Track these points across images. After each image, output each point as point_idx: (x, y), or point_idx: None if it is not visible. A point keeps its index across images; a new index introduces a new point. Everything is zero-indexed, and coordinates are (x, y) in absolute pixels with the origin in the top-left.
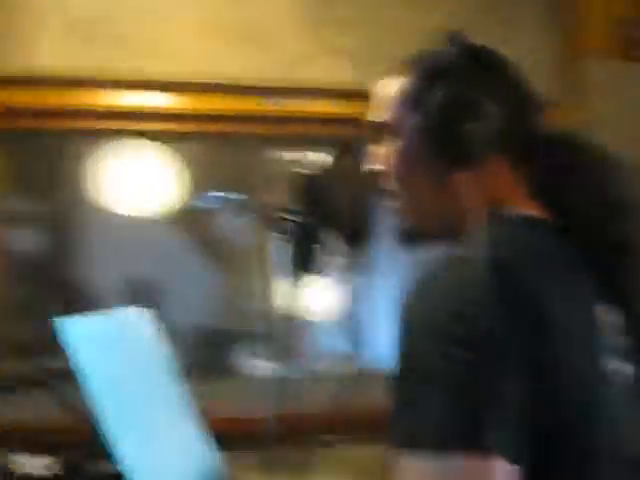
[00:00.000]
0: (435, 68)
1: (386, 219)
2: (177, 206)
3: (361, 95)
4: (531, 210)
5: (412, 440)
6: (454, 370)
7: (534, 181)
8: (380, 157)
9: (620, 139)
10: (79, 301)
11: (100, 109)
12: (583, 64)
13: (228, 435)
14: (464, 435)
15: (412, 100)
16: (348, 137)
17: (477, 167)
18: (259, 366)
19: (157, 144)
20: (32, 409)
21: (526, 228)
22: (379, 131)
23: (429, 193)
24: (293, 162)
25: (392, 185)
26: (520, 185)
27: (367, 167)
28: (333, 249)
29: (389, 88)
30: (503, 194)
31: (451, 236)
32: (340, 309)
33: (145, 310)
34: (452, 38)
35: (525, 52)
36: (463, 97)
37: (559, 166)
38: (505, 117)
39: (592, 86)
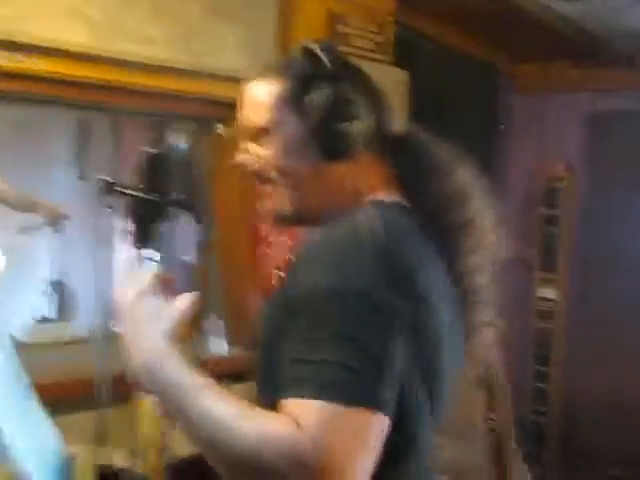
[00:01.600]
0: (310, 73)
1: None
2: None
3: None
4: (395, 197)
5: (321, 390)
6: (377, 330)
7: (392, 173)
8: (255, 153)
9: None
10: None
11: None
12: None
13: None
14: (364, 391)
15: (290, 102)
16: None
17: (349, 161)
18: None
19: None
20: None
21: (397, 212)
22: (253, 130)
23: (308, 184)
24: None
25: (272, 176)
26: (382, 176)
27: (240, 161)
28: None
29: (260, 91)
30: (371, 184)
31: (324, 220)
32: None
33: None
34: (322, 46)
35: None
36: (338, 100)
37: (410, 161)
38: (372, 118)
39: None
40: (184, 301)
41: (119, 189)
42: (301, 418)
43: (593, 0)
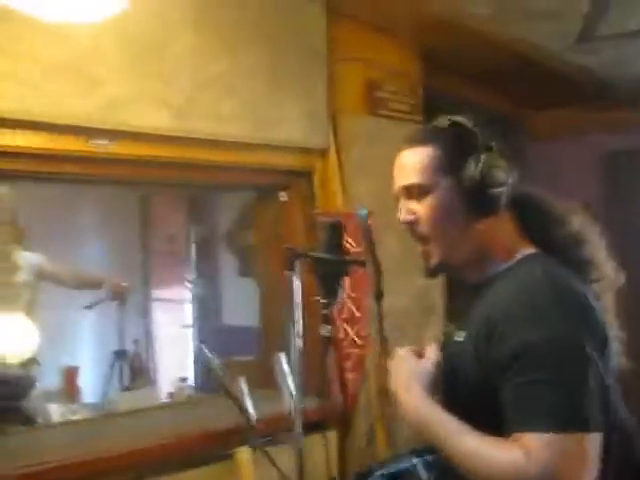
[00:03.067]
0: (463, 142)
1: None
2: None
3: None
4: (534, 249)
5: (574, 422)
6: (584, 371)
7: (518, 225)
8: (412, 210)
9: (374, 180)
10: None
11: None
12: (342, 120)
13: None
14: (593, 418)
15: (446, 166)
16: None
17: (493, 218)
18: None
19: None
20: None
21: (552, 263)
22: (410, 191)
23: (458, 237)
24: None
25: (425, 231)
26: (516, 229)
27: (402, 218)
28: None
29: (416, 156)
30: (511, 237)
31: (470, 268)
32: None
33: None
34: (467, 119)
35: (302, 113)
36: (491, 167)
37: (532, 214)
38: (509, 182)
39: (348, 138)
40: (431, 356)
41: (307, 253)
42: (532, 449)
43: (604, 52)
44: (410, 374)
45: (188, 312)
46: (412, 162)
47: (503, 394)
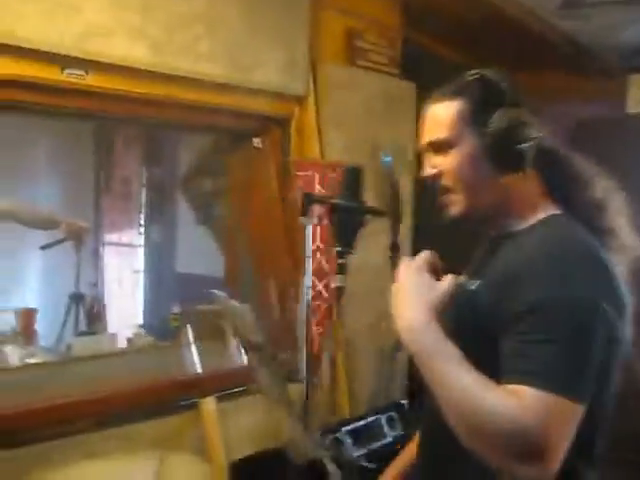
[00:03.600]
0: (490, 97)
1: None
2: None
3: None
4: (558, 209)
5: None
6: (594, 339)
7: (543, 184)
8: (440, 165)
9: (350, 130)
10: None
11: None
12: (321, 68)
13: None
14: (587, 389)
15: (472, 121)
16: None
17: (518, 174)
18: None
19: None
20: None
21: (575, 224)
22: (435, 146)
23: (482, 191)
24: None
25: (449, 184)
26: (540, 188)
27: (426, 173)
28: None
29: (442, 110)
30: (535, 195)
31: (492, 223)
32: None
33: None
34: (497, 74)
35: (282, 58)
36: (518, 123)
37: (557, 173)
38: (537, 138)
39: (326, 86)
40: (447, 282)
41: (324, 199)
42: (528, 402)
43: (590, 18)
44: (421, 289)
45: (140, 257)
46: (437, 117)
47: (507, 344)
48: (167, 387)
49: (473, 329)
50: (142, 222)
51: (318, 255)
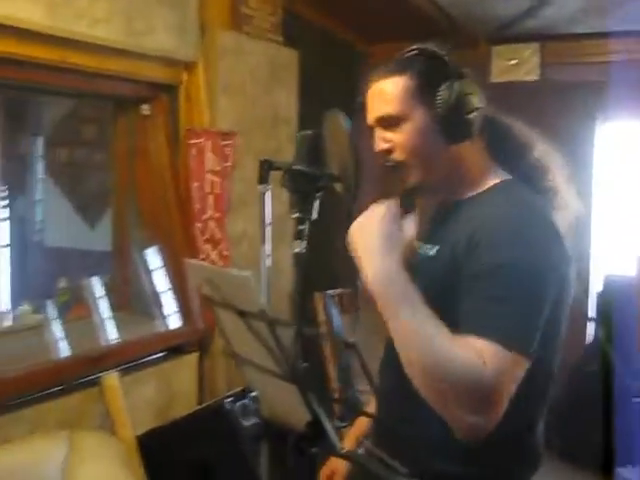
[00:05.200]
0: (435, 70)
1: None
2: None
3: None
4: (507, 175)
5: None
6: (544, 294)
7: (487, 151)
8: (391, 139)
9: (238, 98)
10: None
11: None
12: (210, 34)
13: None
14: (534, 346)
15: (420, 94)
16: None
17: (468, 142)
18: None
19: None
20: None
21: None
22: (384, 121)
23: (434, 161)
24: None
25: (402, 158)
26: (485, 155)
27: (378, 148)
28: None
29: (389, 85)
30: (484, 162)
31: (445, 191)
32: None
33: None
34: (439, 48)
35: (172, 23)
36: (464, 94)
37: (499, 140)
38: (482, 107)
39: (216, 52)
40: (410, 230)
41: (281, 166)
42: (486, 355)
43: None
44: (392, 239)
45: (4, 232)
46: (385, 93)
47: (467, 301)
48: (68, 364)
49: (437, 293)
50: (3, 194)
51: (211, 224)
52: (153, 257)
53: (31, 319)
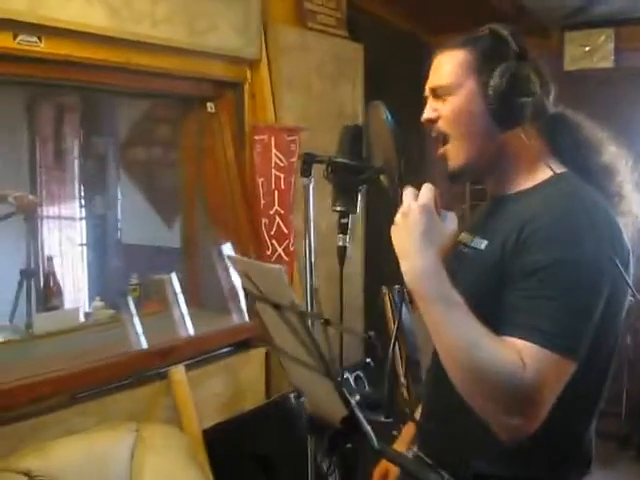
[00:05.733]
0: (496, 49)
1: None
2: None
3: None
4: (564, 169)
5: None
6: (596, 302)
7: (549, 146)
8: (438, 110)
9: (303, 93)
10: None
11: None
12: (273, 31)
13: None
14: (581, 350)
15: (475, 70)
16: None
17: (518, 130)
18: None
19: None
20: None
21: (584, 185)
22: (436, 92)
23: (479, 142)
24: None
25: (445, 129)
26: (543, 148)
27: (424, 116)
28: None
29: (446, 57)
30: (539, 154)
31: (494, 179)
32: None
33: None
34: (508, 29)
35: (235, 21)
36: (520, 76)
37: (568, 137)
38: (540, 96)
39: (278, 49)
40: (454, 221)
41: (323, 159)
42: (528, 357)
43: None
44: (430, 233)
45: (82, 230)
46: (442, 64)
47: (511, 298)
48: (136, 358)
49: (484, 289)
50: (82, 194)
51: (277, 219)
52: (222, 253)
53: (103, 314)
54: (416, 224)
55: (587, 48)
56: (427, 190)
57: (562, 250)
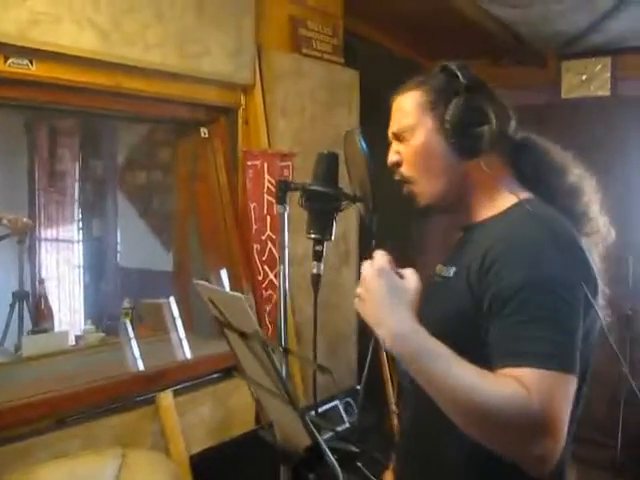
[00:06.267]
0: (447, 85)
1: None
2: None
3: None
4: (529, 194)
5: (540, 361)
6: (577, 315)
7: (512, 171)
8: (400, 152)
9: (296, 119)
10: None
11: None
12: (267, 56)
13: None
14: (577, 362)
15: (430, 108)
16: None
17: (478, 159)
18: None
19: None
20: None
21: (549, 209)
22: (397, 135)
23: (442, 177)
24: None
25: (407, 172)
26: (506, 174)
27: (389, 161)
28: None
29: (404, 100)
30: (503, 181)
31: (461, 210)
32: None
33: None
34: (458, 65)
35: (228, 46)
36: (472, 107)
37: (531, 162)
38: (497, 124)
39: (272, 75)
40: (413, 277)
41: (298, 187)
42: (530, 384)
43: (531, 8)
44: (395, 292)
45: (79, 253)
46: (399, 107)
47: (495, 329)
48: (124, 383)
49: (453, 312)
50: (80, 217)
51: (269, 244)
52: (212, 278)
53: (94, 338)
54: (377, 289)
55: (584, 77)
56: (379, 255)
57: (530, 270)
